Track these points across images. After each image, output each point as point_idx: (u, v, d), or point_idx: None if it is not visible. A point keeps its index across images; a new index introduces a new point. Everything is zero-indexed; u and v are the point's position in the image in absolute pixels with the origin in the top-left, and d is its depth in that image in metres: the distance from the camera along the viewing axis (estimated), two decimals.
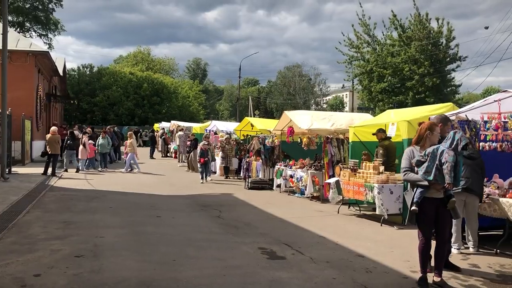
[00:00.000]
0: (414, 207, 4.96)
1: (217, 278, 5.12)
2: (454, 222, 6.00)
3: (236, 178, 16.73)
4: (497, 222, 7.05)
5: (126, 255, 5.95)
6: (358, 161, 9.75)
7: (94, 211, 9.16)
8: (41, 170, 15.11)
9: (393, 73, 34.57)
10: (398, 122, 9.04)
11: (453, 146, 4.82)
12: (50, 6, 43.87)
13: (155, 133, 31.62)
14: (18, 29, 40.89)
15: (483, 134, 6.63)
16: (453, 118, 6.75)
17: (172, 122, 31.65)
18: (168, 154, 27.78)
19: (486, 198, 6.64)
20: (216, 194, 12.52)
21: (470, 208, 6.51)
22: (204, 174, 15.14)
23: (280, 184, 13.05)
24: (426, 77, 32.55)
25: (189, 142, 19.16)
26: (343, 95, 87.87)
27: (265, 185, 13.90)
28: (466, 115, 6.89)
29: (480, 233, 6.74)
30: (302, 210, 10.15)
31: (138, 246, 6.49)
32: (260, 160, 14.63)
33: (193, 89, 60.84)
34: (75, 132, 18.83)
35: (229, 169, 16.88)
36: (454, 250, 6.42)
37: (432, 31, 33.09)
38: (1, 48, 13.50)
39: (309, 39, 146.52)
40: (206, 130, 22.36)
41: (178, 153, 23.71)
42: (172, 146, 27.03)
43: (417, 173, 4.97)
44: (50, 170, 14.90)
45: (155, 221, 8.42)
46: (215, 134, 20.94)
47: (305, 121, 12.17)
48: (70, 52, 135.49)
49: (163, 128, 31.14)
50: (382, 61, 34.70)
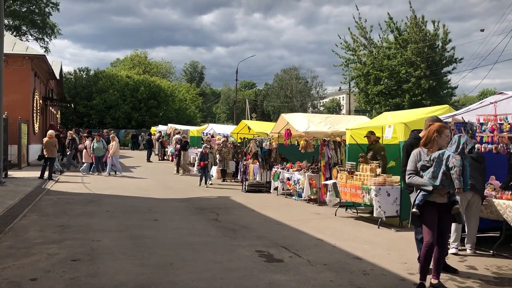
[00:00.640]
0: (415, 209, 4.97)
1: (214, 281, 5.11)
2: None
3: (233, 181, 16.70)
4: (494, 224, 7.10)
5: (123, 259, 5.94)
6: (355, 163, 9.77)
7: (91, 215, 9.13)
8: (37, 173, 15.06)
9: (389, 75, 34.72)
10: (395, 124, 9.05)
11: (459, 150, 4.80)
12: (46, 10, 43.81)
13: (152, 136, 31.59)
14: (15, 32, 40.80)
15: (479, 136, 6.65)
16: (449, 120, 6.78)
17: (169, 125, 31.69)
18: (165, 158, 27.79)
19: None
20: (213, 197, 12.50)
21: (474, 208, 6.55)
22: (203, 178, 14.95)
23: (277, 186, 13.06)
24: (423, 79, 32.71)
25: (178, 146, 19.18)
26: (340, 98, 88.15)
27: (262, 187, 13.91)
28: (462, 117, 6.91)
29: (477, 234, 6.76)
30: (299, 213, 10.15)
31: (135, 249, 6.47)
32: (257, 163, 14.62)
33: (190, 92, 60.85)
34: (74, 136, 18.93)
35: (226, 172, 16.86)
36: (452, 249, 6.44)
37: (428, 34, 33.29)
38: None
39: (305, 42, 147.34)
40: (203, 133, 22.37)
41: (175, 156, 23.68)
42: (169, 150, 27.01)
43: (421, 177, 4.95)
44: (46, 174, 14.85)
45: (152, 224, 8.40)
46: (212, 137, 20.93)
47: (302, 123, 12.18)
48: (67, 55, 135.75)
49: (160, 131, 31.12)
50: (379, 63, 34.84)
